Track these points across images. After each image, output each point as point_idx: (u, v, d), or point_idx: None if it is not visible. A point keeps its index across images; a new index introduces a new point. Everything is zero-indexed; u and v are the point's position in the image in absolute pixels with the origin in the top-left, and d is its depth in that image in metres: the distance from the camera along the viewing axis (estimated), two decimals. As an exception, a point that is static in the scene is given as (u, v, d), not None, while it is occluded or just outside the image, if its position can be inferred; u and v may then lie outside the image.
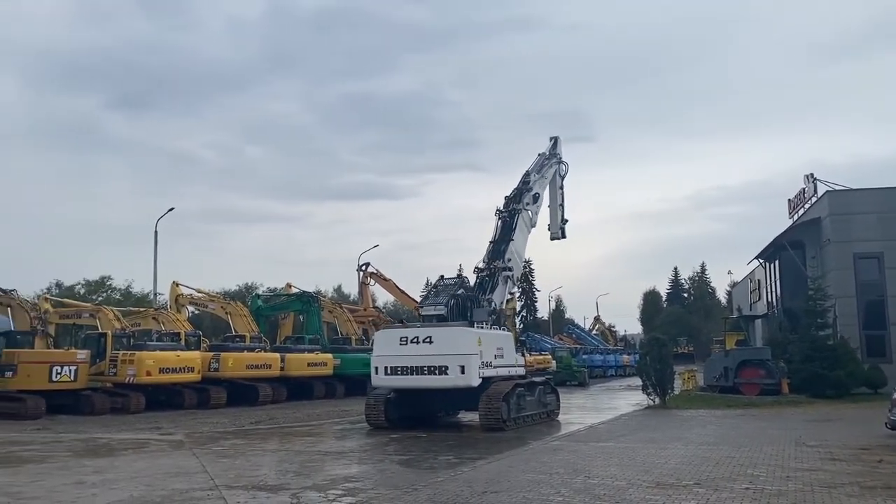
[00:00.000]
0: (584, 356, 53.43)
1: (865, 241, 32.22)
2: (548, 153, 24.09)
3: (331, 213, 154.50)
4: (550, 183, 24.12)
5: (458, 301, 18.77)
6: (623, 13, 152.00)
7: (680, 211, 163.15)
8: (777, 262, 39.33)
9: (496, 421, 16.79)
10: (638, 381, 27.93)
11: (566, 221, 25.05)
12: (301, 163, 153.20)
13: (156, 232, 37.84)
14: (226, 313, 32.47)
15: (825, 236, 33.43)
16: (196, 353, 25.92)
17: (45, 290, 49.60)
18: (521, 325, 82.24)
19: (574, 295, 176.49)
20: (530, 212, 21.92)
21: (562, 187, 24.78)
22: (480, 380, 17.01)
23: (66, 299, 36.22)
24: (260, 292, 44.74)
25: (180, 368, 24.62)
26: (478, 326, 18.01)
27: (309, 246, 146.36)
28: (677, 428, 17.80)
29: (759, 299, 45.08)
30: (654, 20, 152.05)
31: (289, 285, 38.51)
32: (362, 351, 32.95)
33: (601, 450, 13.49)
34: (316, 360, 30.11)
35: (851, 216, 32.93)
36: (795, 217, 38.34)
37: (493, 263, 20.08)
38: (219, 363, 26.28)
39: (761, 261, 41.56)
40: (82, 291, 54.33)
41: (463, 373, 16.68)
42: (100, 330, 26.08)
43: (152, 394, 24.19)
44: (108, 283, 58.52)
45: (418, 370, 16.94)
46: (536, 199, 22.33)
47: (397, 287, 44.48)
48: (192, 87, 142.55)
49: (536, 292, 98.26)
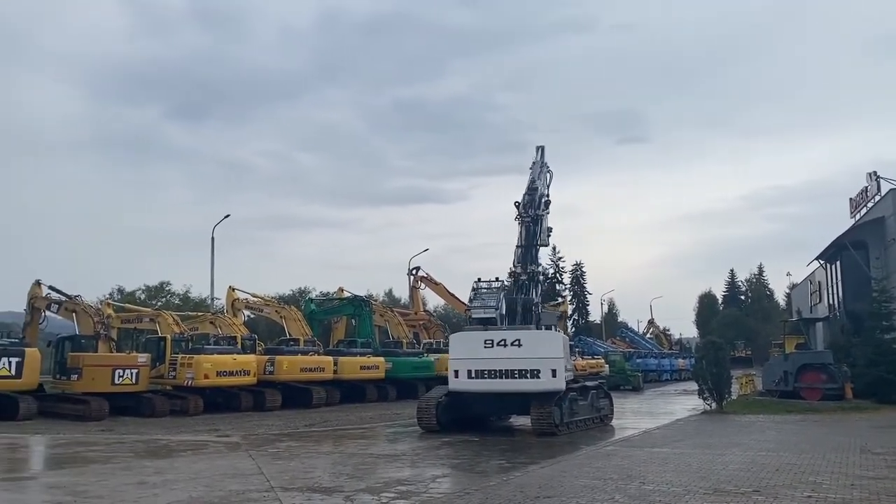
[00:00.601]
0: (637, 360, 52.66)
1: (932, 241, 30.93)
2: (540, 162, 24.08)
3: (381, 218, 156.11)
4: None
5: (511, 304, 18.76)
6: (676, 11, 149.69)
7: (735, 211, 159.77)
8: (839, 262, 38.02)
9: (548, 426, 16.66)
10: (693, 385, 27.36)
11: (551, 230, 25.23)
12: (352, 169, 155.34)
13: (212, 238, 38.84)
14: (280, 317, 32.98)
15: (889, 236, 32.21)
16: (252, 357, 26.40)
17: (108, 296, 51.28)
18: (573, 329, 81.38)
19: (627, 298, 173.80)
20: (546, 217, 21.95)
21: (548, 195, 24.54)
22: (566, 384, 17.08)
23: (127, 304, 37.38)
24: (313, 296, 45.39)
25: (237, 371, 25.10)
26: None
27: (360, 250, 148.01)
28: (735, 433, 17.37)
29: (820, 301, 43.73)
30: (708, 17, 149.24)
31: (341, 289, 38.94)
32: (413, 354, 33.17)
33: (656, 455, 13.26)
34: (368, 363, 30.36)
35: (917, 215, 31.66)
36: (857, 216, 37.07)
37: (531, 268, 20.03)
38: (274, 366, 26.71)
39: (822, 262, 40.30)
40: (143, 296, 55.92)
41: (554, 376, 16.77)
42: (159, 334, 26.75)
43: (210, 396, 24.75)
44: (167, 288, 60.18)
45: (508, 374, 16.81)
46: (548, 205, 22.36)
47: (447, 290, 44.54)
48: (247, 97, 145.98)
49: (588, 295, 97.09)
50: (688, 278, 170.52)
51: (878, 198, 34.44)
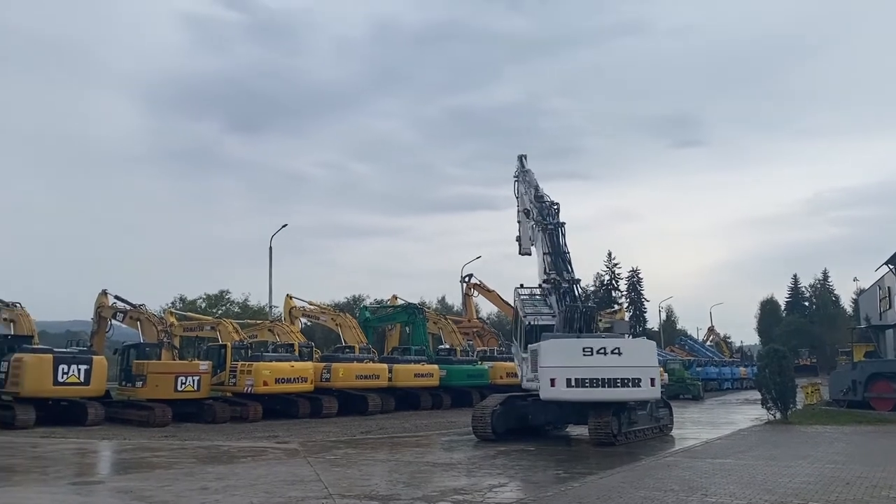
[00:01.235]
0: (697, 368, 51.48)
1: None
2: (525, 170, 23.80)
3: (434, 226, 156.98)
4: (521, 197, 24.12)
5: (569, 311, 18.64)
6: (731, 13, 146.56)
7: (798, 215, 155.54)
8: (910, 267, 36.56)
9: (606, 435, 16.39)
10: (756, 394, 26.62)
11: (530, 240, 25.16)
12: (405, 177, 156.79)
13: (270, 248, 39.59)
14: (336, 325, 33.38)
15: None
16: (309, 364, 26.74)
17: (170, 305, 52.76)
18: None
19: (685, 305, 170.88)
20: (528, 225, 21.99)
21: (535, 201, 24.13)
22: None
23: (189, 313, 38.37)
24: (367, 304, 45.76)
25: (294, 379, 25.45)
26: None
27: (413, 258, 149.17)
28: (801, 445, 16.79)
29: (891, 307, 42.04)
30: (763, 19, 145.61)
31: (394, 297, 39.24)
32: (467, 362, 33.11)
33: (719, 466, 12.91)
34: (422, 370, 30.41)
35: None
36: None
37: (568, 275, 19.89)
38: (330, 373, 26.97)
39: (892, 266, 38.76)
40: (203, 305, 57.29)
41: (652, 385, 16.77)
42: (220, 342, 27.33)
43: (269, 403, 25.15)
44: (227, 296, 61.52)
45: (610, 382, 16.56)
46: (528, 214, 22.26)
47: (500, 298, 44.33)
48: (302, 109, 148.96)
49: (645, 302, 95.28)
50: (748, 284, 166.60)
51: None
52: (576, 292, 19.79)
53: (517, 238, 24.34)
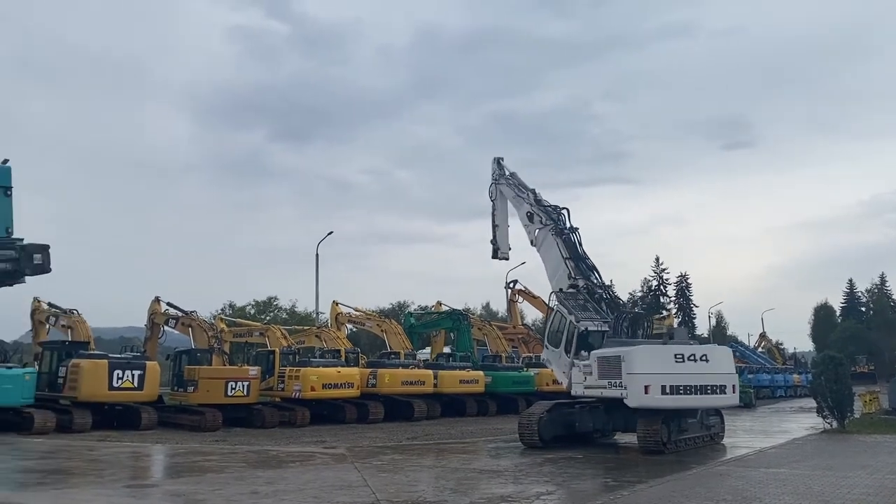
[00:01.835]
0: (749, 375, 50.27)
1: None
2: (512, 173, 23.60)
3: (478, 232, 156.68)
4: (500, 202, 24.18)
5: (617, 317, 18.48)
6: (780, 13, 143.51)
7: (853, 218, 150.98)
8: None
9: (655, 443, 16.12)
10: (810, 402, 25.87)
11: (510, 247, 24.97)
12: (449, 183, 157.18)
13: (317, 254, 40.09)
14: (381, 331, 33.55)
15: None
16: (355, 370, 26.92)
17: (220, 311, 53.73)
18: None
19: (736, 310, 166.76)
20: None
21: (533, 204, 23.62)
22: None
23: (238, 319, 39.02)
24: (412, 310, 45.91)
25: (341, 384, 25.65)
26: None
27: (458, 264, 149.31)
28: (860, 454, 16.24)
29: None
30: (813, 19, 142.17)
31: (439, 303, 39.24)
32: (513, 369, 32.94)
33: (773, 476, 12.58)
34: (468, 377, 30.35)
35: None
36: None
37: (597, 280, 19.61)
38: (376, 379, 27.13)
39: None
40: (252, 311, 58.23)
41: (733, 392, 16.82)
42: (269, 347, 27.71)
43: (316, 408, 25.40)
44: (275, 303, 62.46)
45: (701, 389, 16.48)
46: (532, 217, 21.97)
47: (546, 303, 44.01)
48: (348, 117, 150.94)
49: (695, 308, 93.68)
50: (801, 289, 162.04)
51: None
52: (611, 298, 19.55)
53: (492, 241, 24.62)
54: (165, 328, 28.65)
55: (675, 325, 63.01)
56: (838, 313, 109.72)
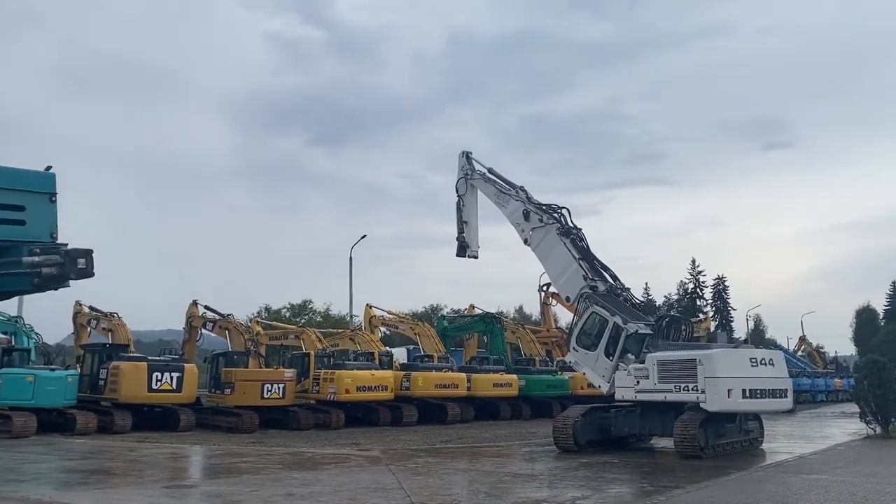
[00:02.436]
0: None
1: None
2: (488, 168, 23.40)
3: (511, 235, 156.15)
4: (470, 198, 23.98)
5: (664, 320, 18.48)
6: (818, 13, 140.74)
7: (895, 218, 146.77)
8: None
9: (693, 448, 15.88)
10: (853, 407, 25.28)
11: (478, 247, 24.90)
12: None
13: (350, 258, 40.40)
14: (415, 334, 33.68)
15: None
16: (389, 372, 27.03)
17: (256, 314, 54.39)
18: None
19: (775, 313, 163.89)
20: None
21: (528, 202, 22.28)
22: None
23: (274, 322, 39.47)
24: (445, 313, 45.93)
25: (375, 387, 25.76)
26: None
27: (491, 267, 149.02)
28: (905, 462, 15.84)
29: None
30: (851, 16, 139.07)
31: (472, 306, 39.22)
32: (547, 372, 32.76)
33: (814, 483, 12.31)
34: (501, 380, 30.24)
35: None
36: None
37: (614, 282, 19.39)
38: (409, 382, 27.23)
39: None
40: (287, 314, 58.90)
41: (789, 396, 17.25)
42: (304, 350, 27.98)
43: (350, 410, 25.57)
44: (310, 306, 63.12)
45: (770, 393, 16.69)
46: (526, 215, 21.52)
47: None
48: (382, 122, 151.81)
49: (732, 311, 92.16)
50: (842, 292, 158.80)
51: None
52: (634, 300, 19.34)
53: (458, 238, 24.46)
54: (203, 331, 29.13)
55: (713, 329, 62.13)
56: (881, 316, 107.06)
